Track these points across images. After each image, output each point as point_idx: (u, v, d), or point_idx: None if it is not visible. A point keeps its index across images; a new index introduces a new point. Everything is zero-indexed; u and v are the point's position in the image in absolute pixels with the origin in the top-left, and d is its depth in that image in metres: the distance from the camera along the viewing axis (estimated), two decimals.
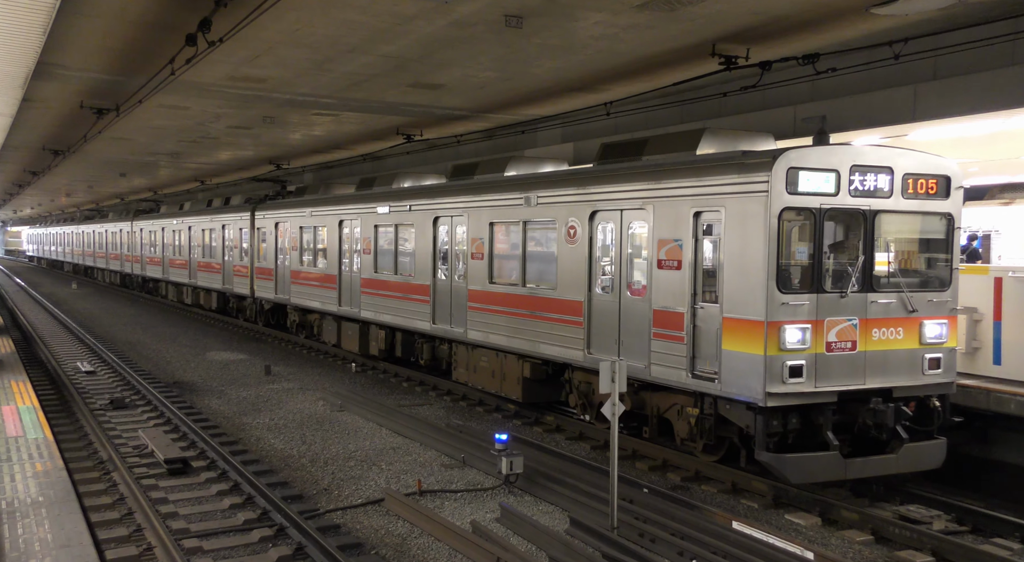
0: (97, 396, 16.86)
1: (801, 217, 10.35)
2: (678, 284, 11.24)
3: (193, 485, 11.24)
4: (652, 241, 11.68)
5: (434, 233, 16.93)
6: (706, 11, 11.05)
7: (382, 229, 19.14)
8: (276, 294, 25.31)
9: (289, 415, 15.62)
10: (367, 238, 19.63)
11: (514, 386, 14.61)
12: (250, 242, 27.24)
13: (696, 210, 11.02)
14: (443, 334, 16.69)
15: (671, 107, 16.40)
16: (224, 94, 17.54)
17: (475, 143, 22.87)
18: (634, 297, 12.11)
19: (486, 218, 15.27)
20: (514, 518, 9.80)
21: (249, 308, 28.60)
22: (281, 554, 8.71)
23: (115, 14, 11.74)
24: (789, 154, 10.12)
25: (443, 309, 16.71)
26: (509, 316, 14.62)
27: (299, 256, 23.50)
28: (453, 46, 13.08)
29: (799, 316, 10.12)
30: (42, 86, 16.56)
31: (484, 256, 15.32)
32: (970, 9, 10.86)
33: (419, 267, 17.47)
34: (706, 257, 11.08)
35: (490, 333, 15.07)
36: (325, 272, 21.83)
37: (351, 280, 20.45)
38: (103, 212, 57.79)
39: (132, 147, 27.52)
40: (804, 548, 8.72)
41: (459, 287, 16.17)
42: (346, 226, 20.80)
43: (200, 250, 32.42)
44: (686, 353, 11.08)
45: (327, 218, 21.76)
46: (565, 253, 13.32)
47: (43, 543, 8.13)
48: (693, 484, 11.60)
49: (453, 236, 16.47)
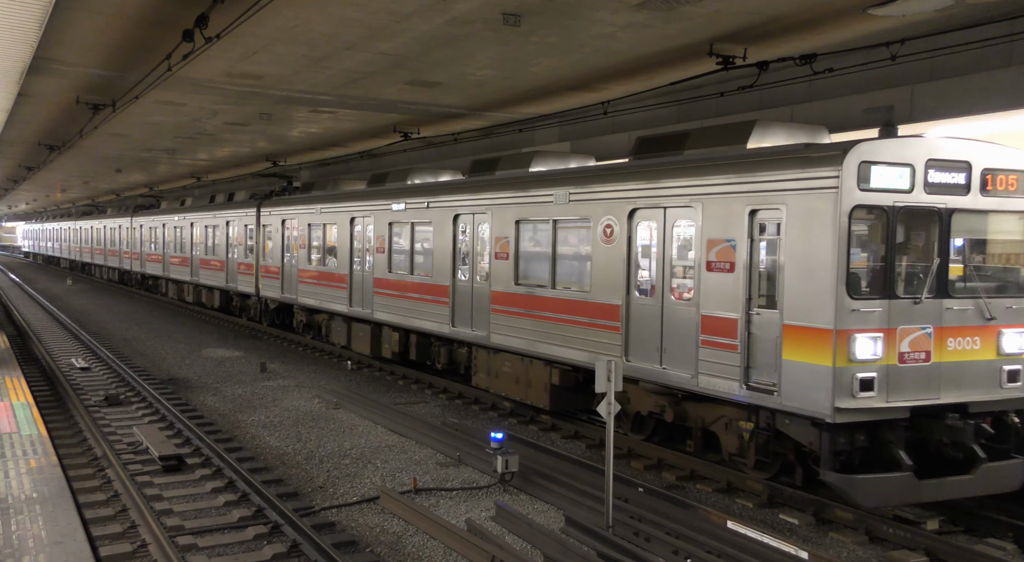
0: (92, 392, 16.83)
1: (872, 216, 9.56)
2: (730, 288, 10.45)
3: (188, 482, 11.23)
4: (700, 241, 10.91)
5: (454, 231, 16.18)
6: (704, 11, 11.04)
7: (397, 227, 18.40)
8: (282, 293, 24.56)
9: (284, 412, 15.61)
10: (381, 236, 18.85)
11: (541, 393, 13.83)
12: (255, 239, 26.54)
13: (752, 208, 10.23)
14: (463, 337, 15.95)
15: (668, 106, 16.40)
16: (221, 90, 17.50)
17: (472, 141, 22.85)
18: (679, 301, 11.34)
19: (512, 216, 14.52)
20: (509, 517, 9.80)
21: (253, 307, 27.96)
22: (276, 551, 8.71)
23: (112, 9, 11.70)
24: (861, 147, 9.37)
25: (463, 311, 15.95)
26: (537, 320, 13.86)
27: (307, 254, 22.71)
28: (451, 44, 13.06)
29: (870, 324, 9.34)
30: (38, 81, 16.51)
31: (509, 256, 14.57)
32: (967, 10, 10.87)
33: (437, 267, 16.69)
34: (762, 259, 10.30)
35: (515, 337, 14.34)
36: (335, 271, 21.07)
37: (363, 280, 19.78)
38: (101, 208, 57.09)
39: (128, 143, 27.44)
40: (798, 548, 8.73)
41: (481, 288, 15.40)
42: (358, 224, 20.05)
43: (202, 247, 31.77)
44: (739, 363, 10.28)
45: (338, 215, 20.94)
46: (600, 253, 12.54)
47: (36, 539, 8.11)
48: (688, 483, 11.61)
49: (475, 235, 15.68)
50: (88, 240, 55.38)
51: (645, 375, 11.71)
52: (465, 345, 16.40)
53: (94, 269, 56.05)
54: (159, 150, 29.43)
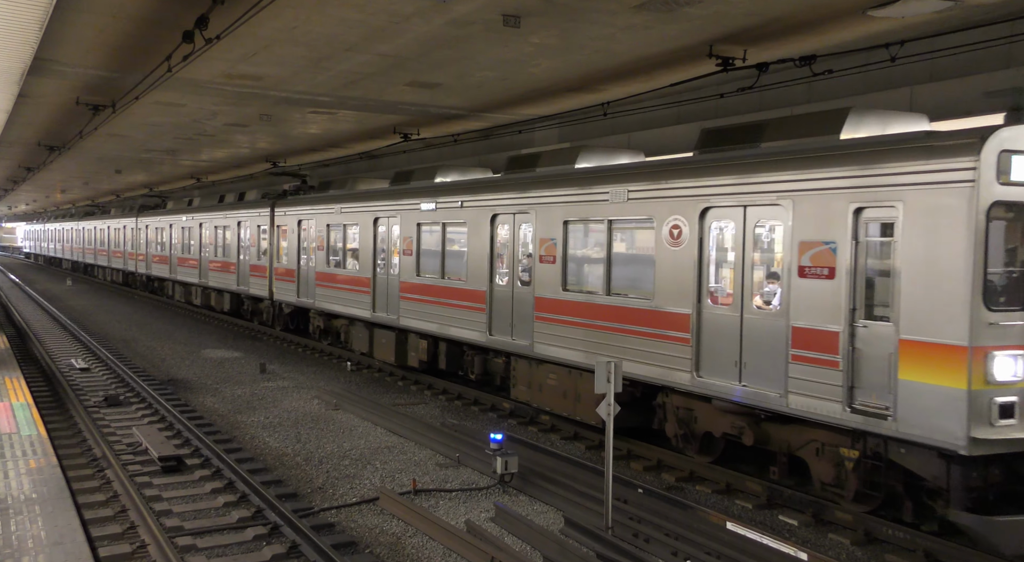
0: (91, 393, 16.83)
1: (1012, 214, 8.32)
2: (829, 296, 9.30)
3: (187, 483, 11.24)
4: (790, 244, 9.77)
5: (491, 233, 15.08)
6: (703, 12, 11.05)
7: (426, 227, 17.22)
8: (298, 297, 23.40)
9: (284, 413, 15.61)
10: (408, 237, 17.71)
11: (592, 409, 12.19)
12: (269, 240, 25.46)
13: (858, 206, 9.06)
14: (501, 346, 14.85)
15: (668, 108, 16.42)
16: (221, 91, 17.51)
17: (472, 142, 22.86)
18: (763, 311, 10.24)
19: (559, 216, 13.43)
20: (509, 518, 9.80)
21: (266, 311, 26.90)
22: (275, 552, 8.71)
23: (112, 10, 11.71)
24: (1001, 133, 8.15)
25: (502, 318, 14.84)
26: (589, 329, 12.75)
27: (326, 256, 21.62)
28: (450, 45, 13.07)
29: (1010, 340, 8.17)
30: (38, 82, 16.52)
31: (556, 259, 13.45)
32: (967, 12, 10.87)
33: (472, 271, 15.59)
34: (870, 263, 9.15)
35: (562, 347, 13.22)
36: (357, 274, 19.95)
37: (388, 284, 18.70)
38: (104, 208, 56.19)
39: (128, 144, 27.44)
40: (797, 549, 8.73)
41: (523, 294, 14.33)
42: (382, 224, 18.95)
43: (212, 248, 30.75)
44: (841, 382, 9.15)
45: (360, 215, 19.83)
46: (666, 257, 11.42)
47: (36, 540, 8.11)
48: (687, 484, 11.61)
49: (516, 236, 14.57)
50: (91, 241, 54.46)
51: (719, 392, 10.68)
52: (502, 355, 15.33)
53: (97, 270, 55.09)
54: (159, 151, 29.43)
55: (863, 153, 9.14)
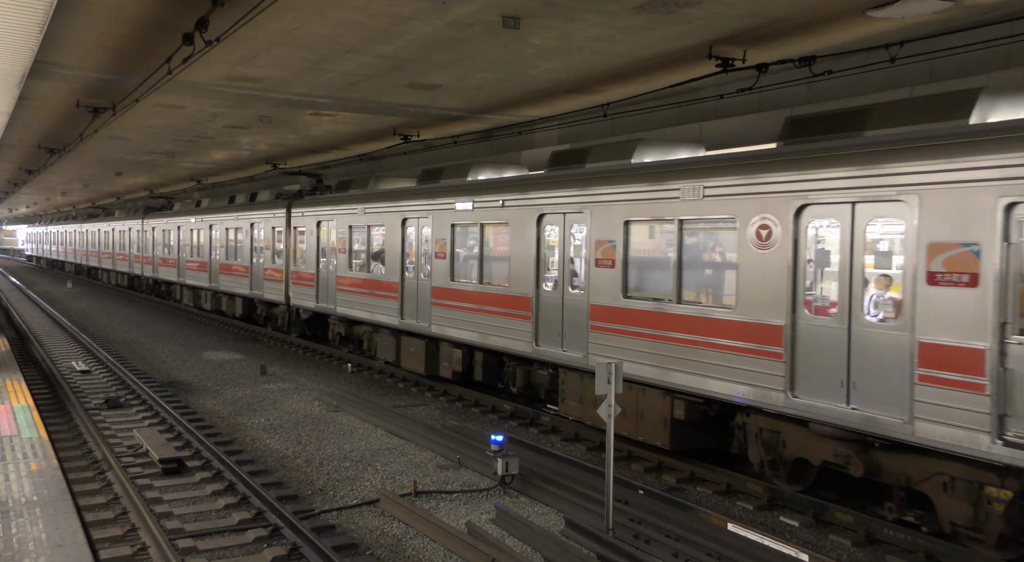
0: (92, 395, 16.84)
1: None
2: (971, 308, 8.10)
3: (188, 485, 11.24)
4: (916, 246, 8.56)
5: (538, 234, 13.96)
6: (703, 13, 11.05)
7: (462, 229, 16.15)
8: (317, 303, 22.23)
9: (284, 415, 15.61)
10: (441, 239, 16.56)
11: (658, 429, 11.62)
12: (285, 243, 24.25)
13: (1010, 200, 7.87)
14: (549, 358, 13.70)
15: (668, 109, 16.42)
16: (221, 94, 17.52)
17: (472, 144, 22.86)
18: (878, 324, 9.05)
19: (618, 215, 12.27)
20: (509, 519, 9.80)
21: (281, 317, 25.68)
22: (276, 554, 8.71)
23: (112, 13, 11.72)
24: None
25: (550, 327, 13.75)
26: (654, 340, 11.64)
27: (348, 259, 20.45)
28: (450, 47, 13.07)
29: None
30: (38, 85, 16.53)
31: (615, 263, 12.33)
32: (966, 12, 10.88)
33: (516, 275, 14.39)
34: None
35: (624, 361, 11.53)
36: (383, 279, 18.75)
37: (418, 289, 17.58)
38: (109, 210, 55.06)
39: (128, 146, 27.46)
40: (798, 550, 8.73)
41: (576, 301, 13.22)
42: (411, 225, 17.83)
43: (223, 251, 29.55)
44: (989, 408, 7.96)
45: (386, 216, 18.64)
46: (751, 261, 10.23)
47: (37, 542, 8.11)
48: (688, 486, 11.61)
49: (566, 238, 13.48)
50: (95, 243, 53.08)
51: (820, 415, 9.48)
52: (549, 367, 14.22)
53: (101, 274, 53.81)
54: (159, 153, 29.45)
55: (1019, 139, 7.91)
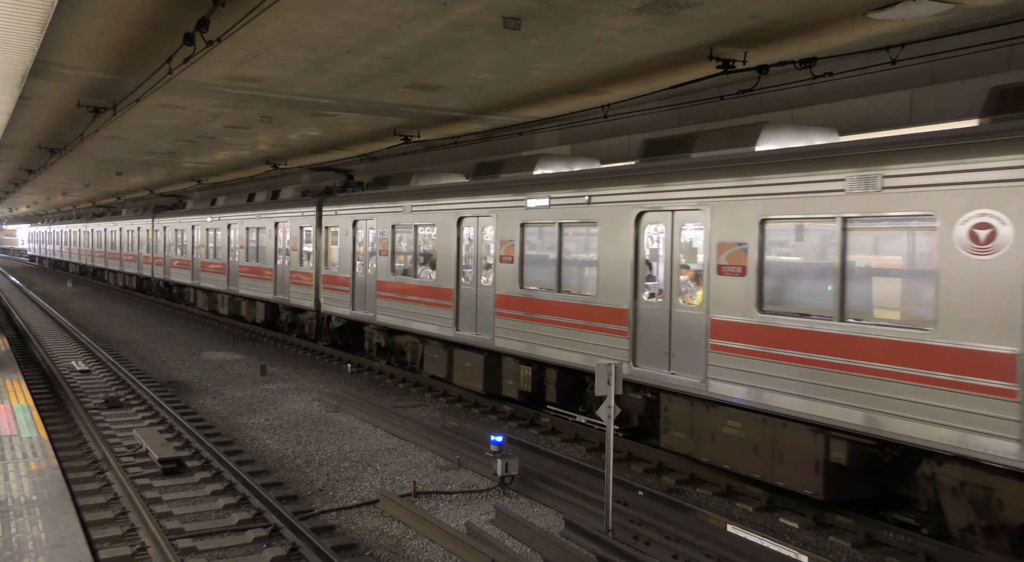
0: (92, 395, 16.84)
1: None
2: None
3: (187, 485, 11.24)
4: None
5: (636, 236, 12.10)
6: (704, 15, 11.06)
7: (534, 229, 14.36)
8: (352, 309, 20.41)
9: (284, 415, 15.61)
10: (508, 241, 14.75)
11: (805, 473, 9.74)
12: (315, 244, 22.49)
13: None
14: (652, 381, 11.81)
15: (668, 110, 16.43)
16: (221, 94, 17.53)
17: (472, 144, 22.87)
18: None
19: (751, 213, 10.34)
20: (509, 520, 9.80)
21: (308, 324, 23.79)
22: (275, 554, 8.71)
23: (113, 13, 11.73)
24: None
25: (653, 345, 11.83)
26: (804, 366, 9.63)
27: (390, 263, 18.60)
28: (451, 48, 13.08)
29: None
30: (39, 84, 16.54)
31: (746, 270, 10.41)
32: (967, 14, 10.89)
33: (607, 283, 12.57)
34: None
35: (759, 388, 10.12)
36: (434, 285, 16.91)
37: (477, 297, 15.78)
38: (115, 209, 53.19)
39: (129, 146, 27.48)
40: (798, 552, 8.73)
41: (689, 316, 11.31)
42: (469, 225, 16.02)
43: (243, 252, 27.63)
44: None
45: (438, 214, 16.79)
46: (961, 269, 8.22)
47: (36, 542, 8.11)
48: (688, 487, 11.60)
49: (674, 240, 11.60)
50: (101, 243, 50.85)
51: None
52: (647, 390, 12.24)
53: (107, 275, 51.56)
54: (160, 153, 29.47)
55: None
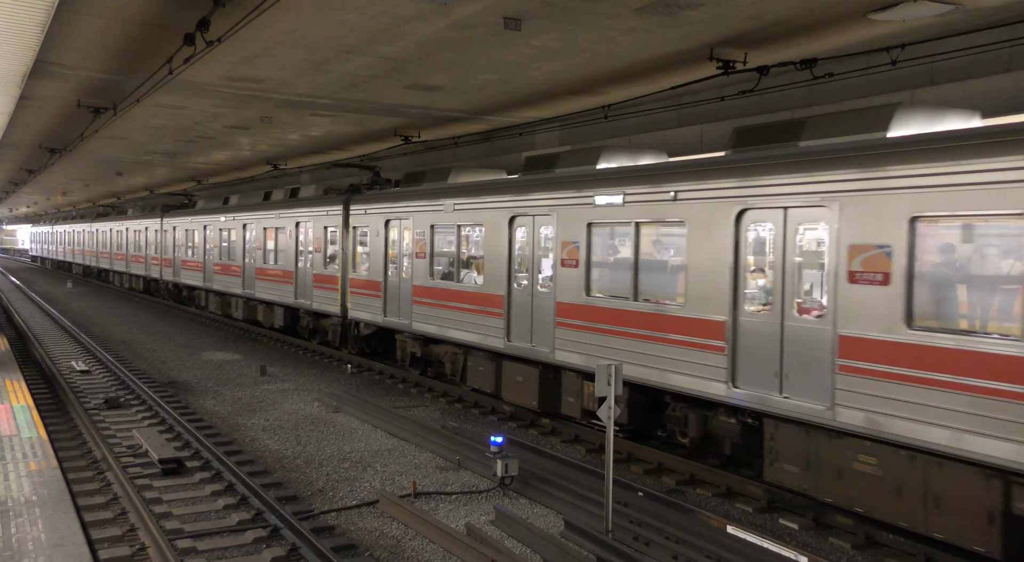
0: (91, 395, 16.83)
1: None
2: None
3: (187, 485, 11.23)
4: None
5: (736, 237, 10.45)
6: (704, 15, 11.06)
7: (604, 229, 12.84)
8: (385, 316, 18.92)
9: (284, 416, 15.61)
10: (571, 243, 13.20)
11: (974, 525, 8.11)
12: (341, 245, 21.13)
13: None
14: (756, 404, 10.21)
15: (669, 110, 16.43)
16: (222, 94, 17.53)
17: (473, 145, 22.86)
18: None
19: (897, 210, 8.66)
20: (509, 521, 9.79)
21: (332, 331, 22.44)
22: (275, 555, 8.71)
23: (113, 13, 11.72)
24: None
25: (760, 364, 10.21)
26: (977, 395, 8.00)
27: (428, 266, 17.14)
28: (451, 48, 13.08)
29: None
30: (40, 84, 16.54)
31: (888, 278, 8.72)
32: (968, 15, 10.88)
33: (697, 291, 10.88)
34: None
35: (909, 420, 8.49)
36: (481, 290, 15.46)
37: (532, 305, 14.24)
38: (121, 208, 51.56)
39: (129, 146, 27.48)
40: (798, 553, 8.72)
41: (808, 331, 9.65)
42: (522, 225, 14.56)
43: (260, 254, 26.40)
44: None
45: (486, 213, 15.34)
46: None
47: (36, 542, 8.11)
48: (688, 488, 11.60)
49: (785, 241, 9.94)
50: (106, 244, 48.94)
51: None
52: (747, 415, 10.70)
53: (113, 276, 49.75)
54: (160, 153, 29.47)
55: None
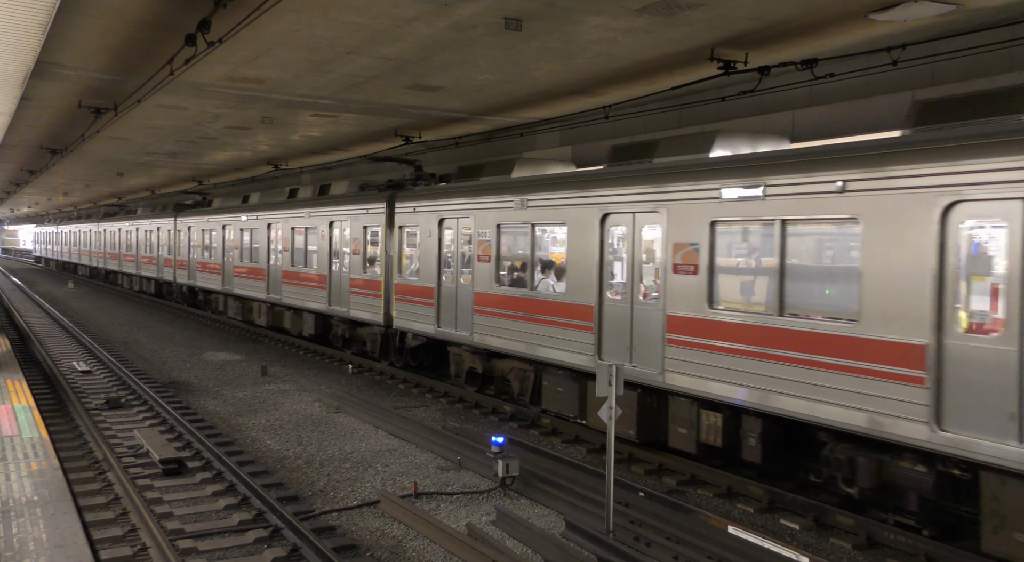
0: (93, 396, 16.84)
1: None
2: None
3: (188, 486, 11.24)
4: None
5: (941, 237, 8.43)
6: (705, 16, 11.06)
7: (732, 228, 10.96)
8: (439, 326, 17.06)
9: (285, 416, 15.61)
10: (687, 245, 11.29)
11: None
12: (384, 247, 19.39)
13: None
14: (978, 454, 8.03)
15: (670, 111, 16.43)
16: (223, 95, 17.54)
17: (473, 145, 22.86)
18: None
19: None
20: (510, 521, 9.80)
21: (372, 341, 20.46)
22: (276, 555, 8.71)
23: (115, 13, 11.73)
24: None
25: (979, 399, 8.04)
26: None
27: (494, 270, 15.29)
28: (452, 48, 13.08)
29: None
30: (41, 85, 16.55)
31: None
32: (968, 15, 10.88)
33: (878, 304, 8.91)
34: None
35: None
36: (562, 300, 13.57)
37: (632, 317, 12.29)
38: (130, 207, 49.33)
39: (130, 147, 27.49)
40: (799, 553, 8.72)
41: (990, 354, 7.95)
42: (619, 223, 12.56)
43: (288, 256, 24.52)
44: None
45: (570, 210, 13.38)
46: None
47: (37, 543, 8.12)
48: (689, 488, 11.60)
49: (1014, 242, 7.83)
50: (115, 245, 46.73)
51: None
52: (950, 464, 8.60)
53: (121, 278, 47.20)
54: (161, 154, 29.48)
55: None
